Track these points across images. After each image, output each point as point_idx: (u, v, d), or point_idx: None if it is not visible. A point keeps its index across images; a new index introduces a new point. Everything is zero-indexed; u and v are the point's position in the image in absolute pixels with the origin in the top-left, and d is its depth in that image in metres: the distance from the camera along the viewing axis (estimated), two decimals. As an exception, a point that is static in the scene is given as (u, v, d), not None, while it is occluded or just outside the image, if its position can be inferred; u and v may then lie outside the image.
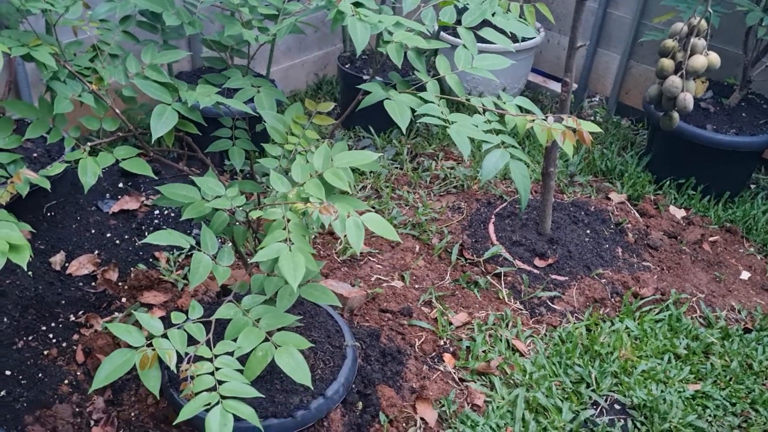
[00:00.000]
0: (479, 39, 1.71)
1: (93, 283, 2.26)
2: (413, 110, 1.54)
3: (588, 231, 2.69)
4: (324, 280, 2.36)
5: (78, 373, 2.00)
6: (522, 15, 1.85)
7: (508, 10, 1.82)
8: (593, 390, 2.09)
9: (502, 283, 2.46)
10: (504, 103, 1.61)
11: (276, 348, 1.32)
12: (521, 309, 2.39)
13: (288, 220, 1.33)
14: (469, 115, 1.56)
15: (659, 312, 2.40)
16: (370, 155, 1.44)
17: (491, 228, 2.67)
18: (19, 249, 1.31)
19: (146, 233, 2.47)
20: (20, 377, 1.95)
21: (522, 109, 1.64)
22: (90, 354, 2.04)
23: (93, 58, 1.55)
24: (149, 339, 1.31)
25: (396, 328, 2.23)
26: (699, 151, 2.87)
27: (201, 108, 1.51)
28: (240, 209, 1.48)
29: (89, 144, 1.49)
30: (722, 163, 2.88)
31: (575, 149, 1.52)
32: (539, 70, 3.86)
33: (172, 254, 2.40)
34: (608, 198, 2.95)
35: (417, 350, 2.18)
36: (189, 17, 1.59)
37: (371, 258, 2.54)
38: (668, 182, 3.01)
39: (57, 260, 2.27)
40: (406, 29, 1.60)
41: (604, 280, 2.49)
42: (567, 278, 2.49)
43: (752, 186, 3.10)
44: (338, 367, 1.88)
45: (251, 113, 1.52)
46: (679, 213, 2.90)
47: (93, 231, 2.41)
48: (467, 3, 1.76)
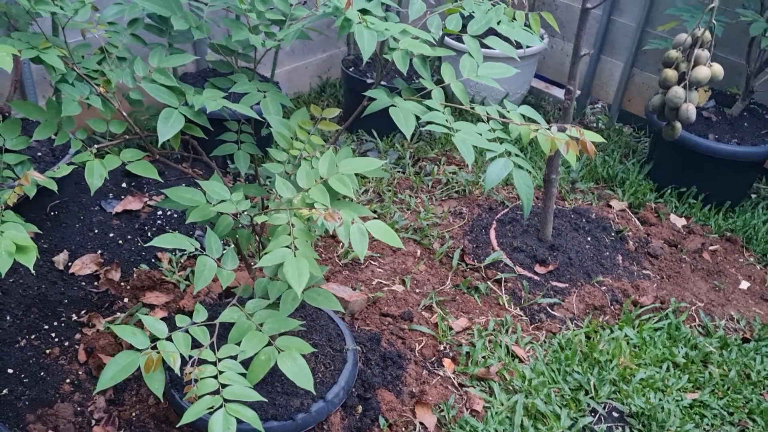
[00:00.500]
0: (484, 46, 1.72)
1: (95, 283, 2.27)
2: (418, 117, 1.55)
3: (589, 238, 2.70)
4: (326, 284, 2.37)
5: (80, 373, 2.01)
6: (527, 23, 1.86)
7: (514, 19, 1.83)
8: (592, 397, 2.10)
9: (503, 289, 2.47)
10: (508, 112, 1.62)
11: (279, 352, 1.33)
12: (521, 315, 2.40)
13: (293, 226, 1.34)
14: (473, 123, 1.57)
15: (658, 320, 2.41)
16: (375, 162, 1.45)
17: (492, 234, 2.68)
18: (26, 250, 1.32)
19: (149, 234, 2.48)
20: (22, 375, 1.96)
21: (526, 118, 1.65)
22: (92, 353, 2.05)
23: (101, 61, 1.56)
24: (153, 341, 1.32)
25: (396, 333, 2.24)
26: (700, 160, 2.88)
27: (207, 111, 1.52)
28: (245, 213, 1.49)
29: (96, 146, 1.50)
30: (723, 173, 2.89)
31: (577, 157, 1.53)
32: (542, 76, 3.87)
33: (175, 255, 2.41)
34: (609, 205, 2.96)
35: (417, 355, 2.19)
36: (197, 21, 1.60)
37: (373, 262, 2.56)
38: (669, 190, 3.02)
39: (60, 259, 2.28)
40: (412, 37, 1.61)
41: (604, 288, 2.50)
42: (567, 285, 2.50)
43: (753, 196, 3.11)
44: (339, 371, 1.89)
45: (257, 118, 1.53)
46: (680, 221, 2.91)
47: (96, 231, 2.42)
48: (473, 11, 1.77)
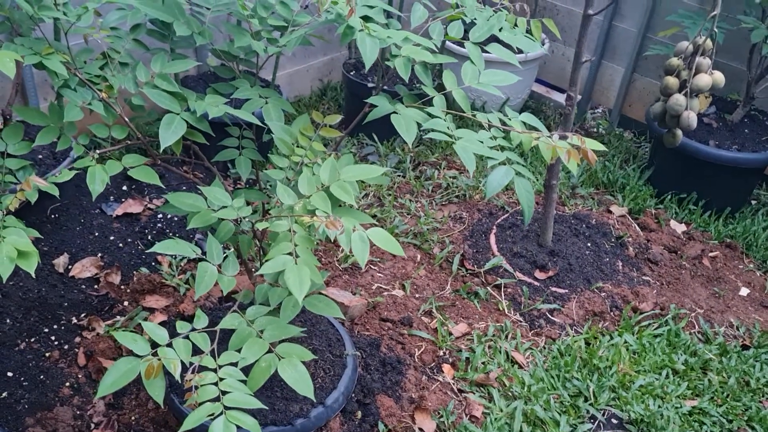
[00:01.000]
0: (485, 52, 1.73)
1: (95, 286, 2.27)
2: (419, 124, 1.56)
3: (589, 244, 2.70)
4: (325, 289, 2.37)
5: (79, 376, 2.01)
6: (529, 29, 1.87)
7: (515, 25, 1.83)
8: (591, 404, 2.11)
9: (502, 295, 2.48)
10: (509, 120, 1.62)
11: (279, 360, 1.33)
12: (521, 321, 2.40)
13: (294, 233, 1.34)
14: (475, 131, 1.57)
15: (658, 327, 2.41)
16: (377, 169, 1.45)
17: (492, 239, 2.69)
18: (27, 255, 1.32)
19: (149, 237, 2.48)
20: (22, 379, 1.96)
21: (527, 126, 1.65)
22: (91, 357, 2.05)
23: (103, 66, 1.56)
24: (154, 347, 1.32)
25: (396, 338, 2.24)
26: (701, 167, 2.89)
27: (209, 117, 1.52)
28: (246, 220, 1.49)
29: (98, 151, 1.51)
30: (724, 179, 2.90)
31: (578, 165, 1.53)
32: (543, 81, 3.88)
33: (175, 259, 2.41)
34: (609, 211, 2.97)
35: (416, 360, 2.19)
36: (199, 27, 1.61)
37: (372, 266, 2.56)
38: (669, 196, 3.03)
39: (60, 262, 2.28)
40: (413, 44, 1.61)
41: (604, 294, 2.51)
42: (567, 291, 2.51)
43: (753, 202, 3.12)
44: (338, 376, 1.90)
45: (260, 125, 1.53)
46: (680, 228, 2.91)
47: (96, 234, 2.42)
48: (474, 18, 1.77)
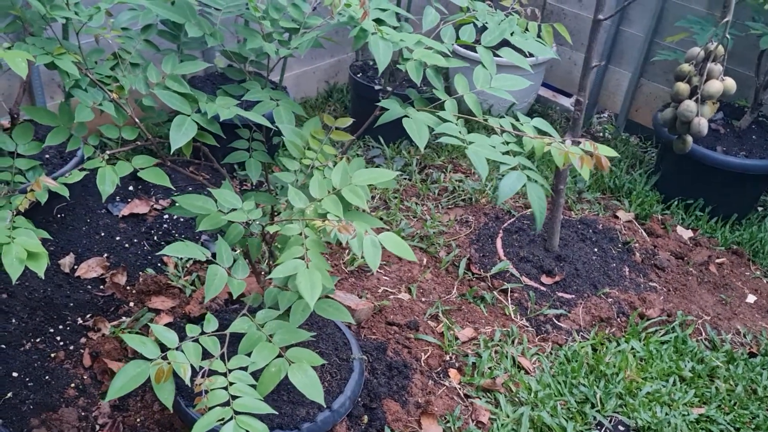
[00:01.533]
0: (496, 57, 1.72)
1: (101, 287, 2.26)
2: (431, 128, 1.55)
3: (595, 249, 2.69)
4: (333, 292, 2.36)
5: (85, 377, 2.00)
6: (539, 34, 1.86)
7: (526, 30, 1.82)
8: (598, 410, 2.10)
9: (509, 299, 2.47)
10: (521, 124, 1.62)
11: (290, 364, 1.32)
12: (527, 326, 2.39)
13: (305, 237, 1.33)
14: (486, 135, 1.56)
15: (665, 333, 2.40)
16: (389, 174, 1.44)
17: (499, 243, 2.68)
18: (37, 257, 1.32)
19: (155, 237, 2.47)
20: (27, 379, 1.95)
21: (539, 131, 1.64)
22: (97, 358, 2.04)
23: (114, 67, 1.55)
24: (163, 350, 1.31)
25: (402, 342, 2.23)
26: (708, 173, 2.88)
27: (220, 119, 1.52)
28: (256, 222, 1.48)
29: (108, 152, 1.50)
30: (731, 185, 2.89)
31: (592, 172, 1.52)
32: (549, 85, 3.87)
33: (181, 260, 2.40)
34: (616, 216, 2.96)
35: (423, 364, 2.18)
36: (211, 28, 1.60)
37: (379, 269, 2.55)
38: (676, 202, 3.02)
39: (66, 262, 2.27)
40: (425, 47, 1.61)
41: (611, 300, 2.50)
42: (573, 296, 2.50)
43: (759, 209, 3.11)
44: (345, 380, 1.88)
45: (271, 127, 1.52)
46: (686, 234, 2.90)
47: (102, 234, 2.42)
48: (486, 22, 1.77)
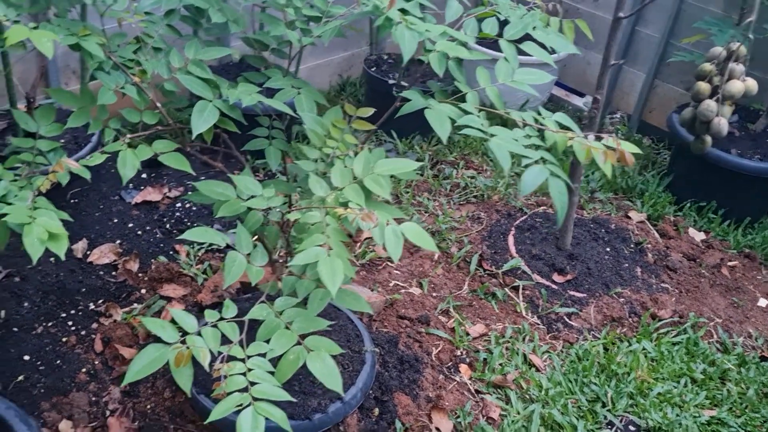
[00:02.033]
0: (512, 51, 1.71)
1: (114, 273, 2.26)
2: (453, 121, 1.54)
3: (608, 249, 2.68)
4: (348, 284, 2.35)
5: (96, 362, 2.00)
6: (561, 30, 1.85)
7: (548, 25, 1.81)
8: (609, 410, 2.09)
9: (520, 297, 2.46)
10: (543, 119, 1.61)
11: (308, 352, 1.32)
12: (538, 324, 2.38)
13: (327, 225, 1.32)
14: (509, 129, 1.55)
15: (677, 335, 2.39)
16: (411, 164, 1.44)
17: (511, 240, 2.67)
18: (58, 238, 1.31)
19: (167, 225, 2.46)
20: (38, 363, 1.95)
21: (560, 126, 1.63)
22: (108, 344, 2.04)
23: (136, 51, 1.55)
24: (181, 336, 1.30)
25: (413, 336, 2.23)
26: (722, 175, 2.86)
27: (242, 106, 1.51)
28: (277, 210, 1.47)
29: (129, 136, 1.49)
30: (745, 188, 2.87)
31: (614, 167, 1.51)
32: (562, 84, 3.86)
33: (192, 248, 2.40)
34: (628, 216, 2.95)
35: (434, 359, 2.18)
36: (234, 14, 1.59)
37: (390, 263, 2.54)
38: (689, 204, 3.01)
39: (79, 248, 2.27)
40: (449, 38, 1.60)
41: (623, 299, 2.49)
42: (585, 295, 2.49)
43: (772, 213, 3.09)
44: (357, 372, 1.88)
45: (293, 114, 1.52)
46: (699, 236, 2.89)
47: (115, 220, 2.41)
48: (508, 16, 1.76)
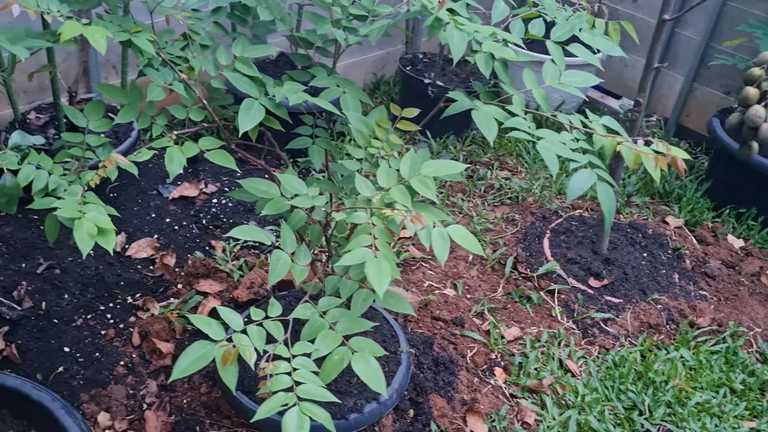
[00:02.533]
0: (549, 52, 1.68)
1: (151, 267, 2.27)
2: (500, 123, 1.52)
3: (645, 254, 2.64)
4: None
5: (133, 356, 2.01)
6: (606, 32, 1.82)
7: (593, 26, 1.79)
8: (646, 418, 2.06)
9: (555, 301, 2.43)
10: (591, 122, 1.58)
11: (353, 353, 1.31)
12: (574, 328, 2.35)
13: (374, 225, 1.32)
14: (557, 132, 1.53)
15: (715, 343, 2.34)
16: (457, 166, 1.42)
17: (546, 243, 2.64)
18: (106, 233, 1.32)
19: (203, 221, 2.48)
20: (78, 355, 1.97)
21: (607, 129, 1.61)
22: (146, 337, 2.05)
23: (184, 47, 1.55)
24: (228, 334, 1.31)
25: (448, 337, 2.21)
26: (763, 181, 2.80)
27: (289, 105, 1.51)
28: (321, 209, 1.47)
29: (176, 132, 1.50)
30: (787, 196, 2.81)
31: (663, 173, 1.49)
32: (598, 86, 3.81)
33: (228, 244, 2.41)
34: (665, 221, 2.90)
35: (469, 361, 2.16)
36: (281, 13, 1.59)
37: (424, 264, 2.53)
38: (728, 210, 2.95)
39: (118, 241, 2.29)
40: (494, 39, 1.58)
41: (660, 306, 2.45)
42: (622, 301, 2.45)
43: (814, 221, 3.02)
44: (392, 373, 1.87)
45: (338, 114, 1.51)
46: (738, 243, 2.84)
47: (153, 215, 2.43)
48: (555, 17, 1.74)
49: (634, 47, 3.50)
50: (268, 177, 1.64)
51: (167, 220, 2.44)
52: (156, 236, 2.37)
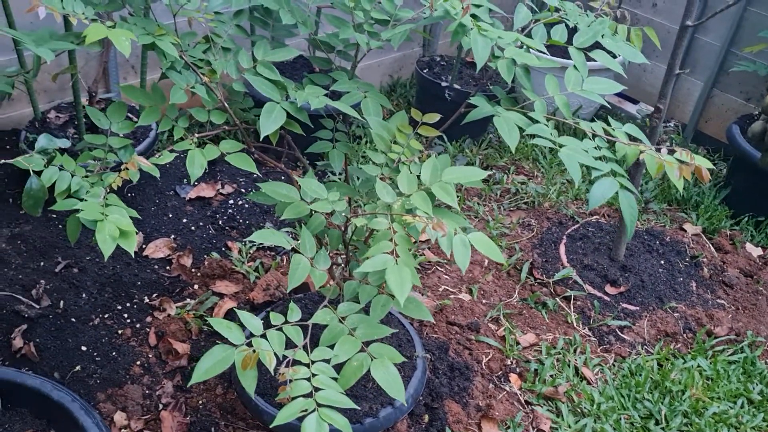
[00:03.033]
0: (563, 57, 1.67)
1: (168, 267, 2.28)
2: (521, 129, 1.52)
3: (662, 261, 2.62)
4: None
5: (150, 356, 2.02)
6: (628, 38, 1.81)
7: (615, 32, 1.78)
8: (663, 428, 2.04)
9: (571, 307, 2.42)
10: (613, 130, 1.57)
11: (372, 360, 1.31)
12: (589, 336, 2.34)
13: (394, 232, 1.31)
14: (579, 139, 1.52)
15: (733, 353, 2.32)
16: (479, 173, 1.42)
17: (562, 249, 2.62)
18: (128, 235, 1.33)
19: (220, 222, 2.48)
20: (95, 354, 1.98)
21: (629, 137, 1.60)
22: (162, 338, 2.06)
23: (206, 50, 1.56)
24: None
25: (463, 343, 2.21)
26: (784, 190, 2.78)
27: (310, 109, 1.51)
28: (341, 214, 1.47)
29: (196, 135, 1.50)
30: (807, 205, 2.78)
31: (686, 181, 1.47)
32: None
33: (245, 245, 2.41)
34: (683, 229, 2.88)
35: (484, 367, 2.15)
36: (303, 16, 1.59)
37: (439, 268, 2.52)
38: (746, 218, 2.92)
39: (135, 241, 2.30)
40: (516, 45, 1.57)
41: (677, 314, 2.43)
42: (638, 308, 2.43)
43: (834, 230, 2.99)
44: (408, 378, 1.87)
45: (360, 118, 1.51)
46: (756, 251, 2.81)
47: (170, 215, 2.44)
48: (577, 23, 1.72)
49: (653, 52, 3.47)
50: (287, 180, 1.64)
51: (184, 221, 2.44)
52: (173, 236, 2.38)
